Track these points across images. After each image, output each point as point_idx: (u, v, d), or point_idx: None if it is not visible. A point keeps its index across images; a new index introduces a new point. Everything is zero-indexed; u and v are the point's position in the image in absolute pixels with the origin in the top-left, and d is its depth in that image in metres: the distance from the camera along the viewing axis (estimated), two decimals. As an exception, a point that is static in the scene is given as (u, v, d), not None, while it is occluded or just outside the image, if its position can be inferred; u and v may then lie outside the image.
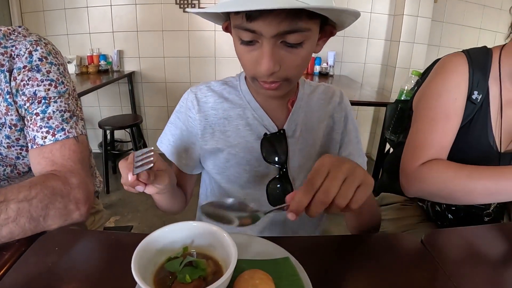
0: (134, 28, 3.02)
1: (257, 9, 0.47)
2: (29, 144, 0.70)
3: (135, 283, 0.40)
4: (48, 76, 0.71)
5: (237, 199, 0.52)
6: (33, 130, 0.69)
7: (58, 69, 0.73)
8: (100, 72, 2.97)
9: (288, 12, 0.50)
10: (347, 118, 0.77)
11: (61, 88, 0.72)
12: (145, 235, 0.46)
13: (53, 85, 0.71)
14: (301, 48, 0.56)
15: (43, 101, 0.69)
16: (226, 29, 0.64)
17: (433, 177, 0.76)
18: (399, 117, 1.04)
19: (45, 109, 0.69)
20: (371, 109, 3.33)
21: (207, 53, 3.12)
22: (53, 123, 0.69)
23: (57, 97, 0.71)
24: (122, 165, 0.52)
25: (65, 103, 0.72)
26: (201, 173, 0.83)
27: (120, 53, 3.09)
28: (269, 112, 0.71)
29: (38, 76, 0.70)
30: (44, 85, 0.70)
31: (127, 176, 0.50)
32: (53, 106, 0.70)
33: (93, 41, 3.06)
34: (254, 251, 0.53)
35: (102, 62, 2.99)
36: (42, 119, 0.69)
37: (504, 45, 0.81)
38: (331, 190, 0.43)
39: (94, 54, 3.03)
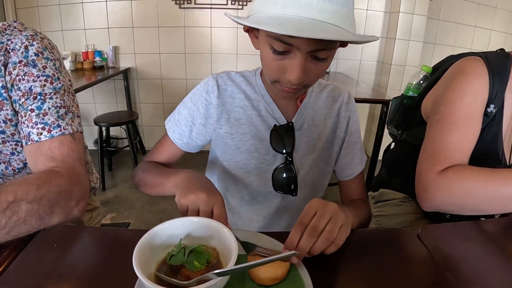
0: (129, 24, 2.99)
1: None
2: (23, 141, 0.69)
3: (135, 278, 0.40)
4: (44, 72, 0.70)
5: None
6: (27, 126, 0.68)
7: (54, 64, 0.73)
8: (95, 69, 2.94)
9: None
10: (351, 119, 0.83)
11: (57, 84, 0.72)
12: (144, 231, 0.46)
13: (49, 81, 0.71)
14: (325, 62, 0.62)
15: (38, 97, 0.69)
16: (247, 30, 0.67)
17: (461, 184, 0.66)
18: (403, 113, 1.02)
19: (41, 106, 0.69)
20: (366, 106, 3.34)
21: (203, 50, 3.10)
22: (49, 119, 0.69)
23: (52, 93, 0.71)
24: (220, 213, 0.52)
25: (60, 99, 0.72)
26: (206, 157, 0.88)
27: (115, 49, 3.07)
28: (280, 106, 0.77)
29: (34, 71, 0.69)
30: (40, 80, 0.69)
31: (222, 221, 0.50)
32: (49, 102, 0.70)
33: (88, 37, 3.03)
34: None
35: (97, 59, 2.96)
36: (37, 115, 0.68)
37: None
38: (319, 225, 0.50)
39: (89, 50, 3.00)
